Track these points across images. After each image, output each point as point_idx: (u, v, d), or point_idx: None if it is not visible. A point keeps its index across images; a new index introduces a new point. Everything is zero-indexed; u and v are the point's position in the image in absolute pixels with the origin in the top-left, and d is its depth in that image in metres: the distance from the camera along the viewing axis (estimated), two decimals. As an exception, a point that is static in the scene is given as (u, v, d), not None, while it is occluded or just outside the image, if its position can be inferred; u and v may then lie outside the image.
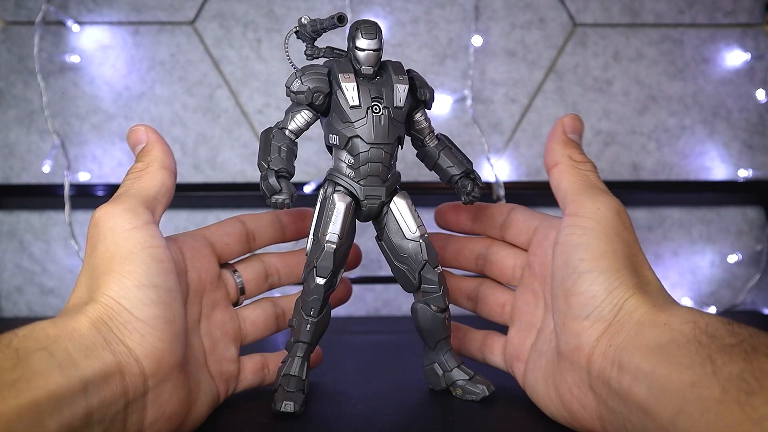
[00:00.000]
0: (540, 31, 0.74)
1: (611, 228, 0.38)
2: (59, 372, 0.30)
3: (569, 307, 0.37)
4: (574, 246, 0.38)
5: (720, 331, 0.31)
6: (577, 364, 0.37)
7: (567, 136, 0.43)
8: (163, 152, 0.41)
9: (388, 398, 0.46)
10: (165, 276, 0.37)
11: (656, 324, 0.34)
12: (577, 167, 0.41)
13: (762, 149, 0.76)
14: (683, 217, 0.77)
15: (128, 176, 0.41)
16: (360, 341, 0.61)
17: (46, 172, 0.71)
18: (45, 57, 0.71)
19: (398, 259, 0.44)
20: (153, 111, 0.73)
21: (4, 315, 0.75)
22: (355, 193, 0.43)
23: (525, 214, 0.46)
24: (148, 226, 0.38)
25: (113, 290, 0.35)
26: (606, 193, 0.40)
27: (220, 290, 0.44)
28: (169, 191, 0.41)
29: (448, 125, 0.74)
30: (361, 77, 0.42)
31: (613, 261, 0.37)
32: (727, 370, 0.29)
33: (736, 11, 0.75)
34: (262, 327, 0.46)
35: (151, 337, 0.35)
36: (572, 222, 0.39)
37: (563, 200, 0.41)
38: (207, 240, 0.44)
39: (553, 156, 0.42)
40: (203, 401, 0.40)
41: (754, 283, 0.76)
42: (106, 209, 0.38)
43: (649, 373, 0.32)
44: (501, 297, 0.47)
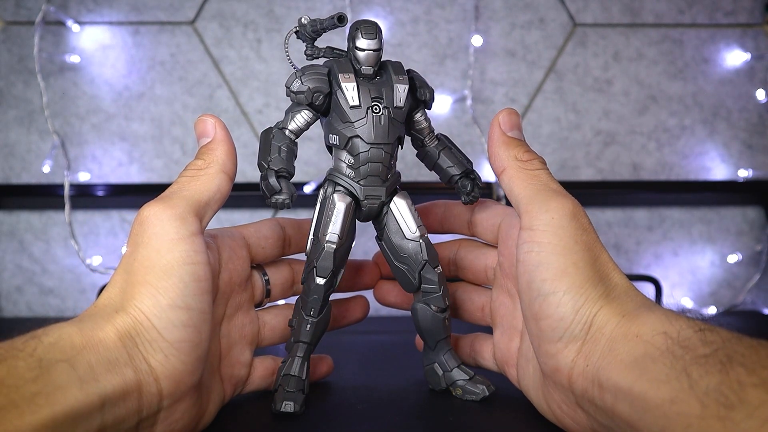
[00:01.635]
0: (540, 31, 0.74)
1: (568, 237, 0.36)
2: (79, 387, 0.30)
3: (541, 330, 0.37)
4: (534, 266, 0.37)
5: (692, 340, 0.31)
6: (559, 384, 0.36)
7: (507, 136, 0.41)
8: (227, 154, 0.40)
9: (388, 398, 0.46)
10: (200, 296, 0.36)
11: (628, 337, 0.33)
12: (525, 168, 0.39)
13: (762, 149, 0.76)
14: (683, 217, 0.77)
15: (185, 173, 0.39)
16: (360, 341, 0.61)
17: (46, 172, 0.71)
18: (45, 57, 0.71)
19: (398, 259, 0.44)
20: (153, 111, 0.73)
21: (4, 315, 0.75)
22: (355, 193, 0.43)
23: (487, 212, 0.45)
24: (194, 239, 0.36)
25: (146, 305, 0.34)
26: (558, 195, 0.38)
27: (247, 292, 0.44)
28: (224, 198, 0.39)
29: (448, 125, 0.74)
30: (361, 77, 0.42)
31: (575, 276, 0.36)
32: (704, 384, 0.28)
33: (736, 11, 0.75)
34: (280, 335, 0.46)
35: (174, 359, 0.35)
36: (528, 238, 0.37)
37: (516, 208, 0.39)
38: (245, 241, 0.43)
39: (498, 161, 0.40)
40: (211, 411, 0.40)
41: (754, 283, 0.76)
42: (155, 209, 0.36)
43: (628, 391, 0.31)
44: (478, 300, 0.47)
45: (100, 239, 0.74)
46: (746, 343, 0.30)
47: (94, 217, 0.74)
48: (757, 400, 0.27)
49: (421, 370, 0.47)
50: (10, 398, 0.27)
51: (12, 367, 0.29)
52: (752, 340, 0.30)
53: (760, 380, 0.27)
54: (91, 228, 0.74)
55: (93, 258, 0.73)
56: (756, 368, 0.28)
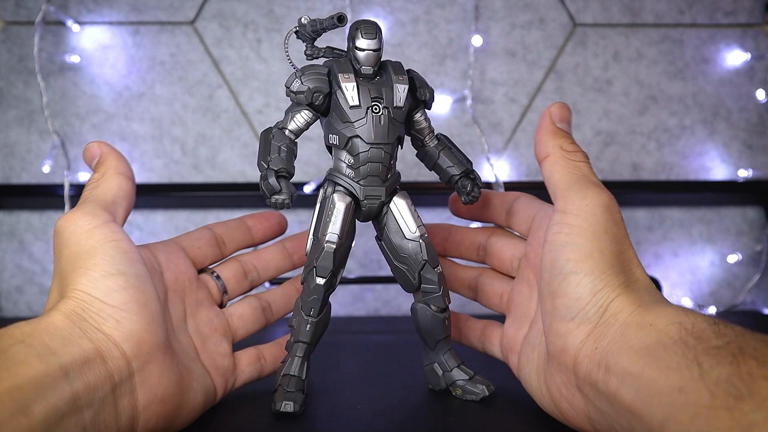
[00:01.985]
0: (540, 31, 0.74)
1: (599, 225, 0.37)
2: (38, 360, 0.31)
3: (555, 308, 0.37)
4: (560, 245, 0.37)
5: (706, 332, 0.31)
6: (564, 365, 0.37)
7: (556, 126, 0.42)
8: (117, 159, 0.42)
9: (388, 398, 0.46)
10: (131, 264, 0.38)
11: (642, 325, 0.33)
12: (568, 158, 0.40)
13: (762, 149, 0.76)
14: (683, 217, 0.77)
15: (86, 187, 0.41)
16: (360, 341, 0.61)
17: (46, 172, 0.71)
18: (45, 57, 0.71)
19: (398, 259, 0.44)
20: (153, 111, 0.73)
21: (4, 315, 0.75)
22: (354, 193, 0.43)
23: (526, 203, 0.46)
24: (109, 224, 0.38)
25: (81, 283, 0.36)
26: (596, 186, 0.39)
27: (202, 290, 0.45)
28: (128, 195, 0.42)
29: (448, 125, 0.74)
30: (361, 77, 0.42)
31: (599, 261, 0.36)
32: (714, 374, 0.28)
33: (736, 11, 0.75)
34: (250, 320, 0.47)
35: (126, 321, 0.36)
36: (559, 219, 0.38)
37: (553, 193, 0.40)
38: (178, 246, 0.45)
39: (543, 147, 0.41)
40: (197, 389, 0.40)
41: (754, 283, 0.76)
42: (66, 217, 0.38)
43: (637, 376, 0.31)
44: (500, 287, 0.47)
45: (100, 239, 0.74)
46: (758, 338, 0.30)
47: (94, 217, 0.74)
48: (766, 392, 0.27)
49: (421, 370, 0.47)
50: None
51: None
52: (764, 335, 0.30)
53: None
54: (91, 228, 0.74)
55: (93, 258, 0.73)
56: (767, 361, 0.28)
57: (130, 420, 0.35)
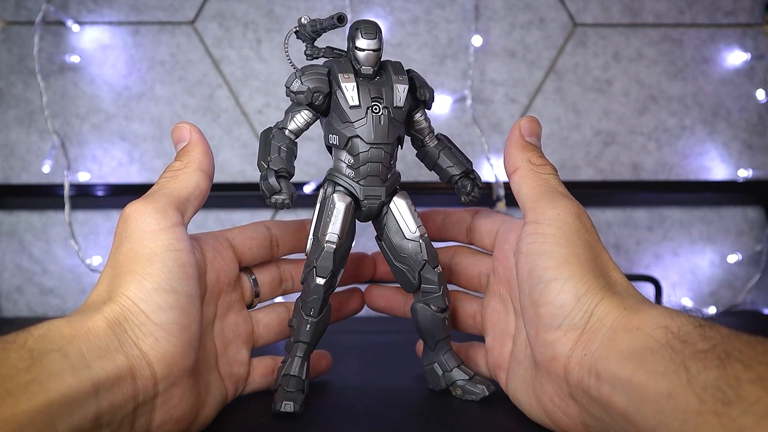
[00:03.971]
0: (540, 31, 0.74)
1: (572, 232, 0.38)
2: (72, 374, 0.30)
3: (539, 317, 0.37)
4: (537, 254, 0.37)
5: (692, 336, 0.31)
6: (554, 374, 0.36)
7: (525, 140, 0.42)
8: (203, 154, 0.41)
9: (388, 398, 0.46)
10: (186, 281, 0.37)
11: (628, 329, 0.33)
12: (537, 171, 0.41)
13: (762, 149, 0.76)
14: (683, 217, 0.77)
15: (164, 174, 0.40)
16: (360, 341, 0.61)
17: (46, 172, 0.71)
18: (45, 57, 0.71)
19: (398, 259, 0.44)
20: (153, 111, 0.73)
21: (4, 315, 0.75)
22: (354, 193, 0.43)
23: (486, 219, 0.46)
24: (175, 228, 0.38)
25: (132, 291, 0.35)
26: (565, 197, 0.40)
27: (236, 293, 0.44)
28: (203, 194, 0.41)
29: (448, 125, 0.74)
30: (361, 77, 0.42)
31: (577, 266, 0.36)
32: (702, 379, 0.28)
33: (736, 11, 0.75)
34: (275, 331, 0.46)
35: (164, 342, 0.35)
36: (533, 230, 0.38)
37: (523, 206, 0.41)
38: (230, 243, 0.44)
39: (512, 161, 0.42)
40: (212, 404, 0.40)
41: (754, 283, 0.76)
42: (136, 206, 0.38)
43: (626, 382, 0.31)
44: (469, 307, 0.47)
45: (100, 239, 0.74)
46: (744, 340, 0.30)
47: (94, 217, 0.74)
48: (753, 396, 0.27)
49: (421, 370, 0.47)
50: (4, 387, 0.28)
51: (4, 359, 0.29)
52: (750, 336, 0.30)
53: (757, 376, 0.27)
54: (91, 228, 0.74)
55: (93, 258, 0.73)
56: (753, 364, 0.28)
57: None
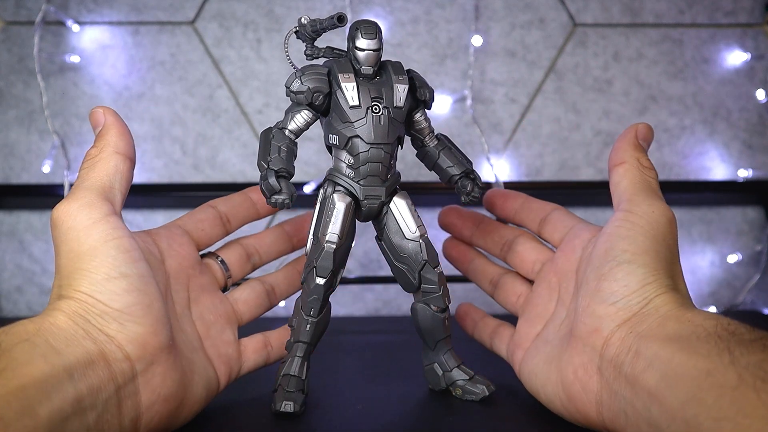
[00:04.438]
0: (540, 31, 0.74)
1: (660, 232, 0.39)
2: (43, 360, 0.31)
3: (599, 290, 0.38)
4: (620, 237, 0.39)
5: (740, 329, 0.32)
6: (590, 346, 0.38)
7: (639, 141, 0.43)
8: (118, 135, 0.40)
9: (388, 398, 0.46)
10: (133, 264, 0.37)
11: (680, 319, 0.35)
12: (642, 171, 0.42)
13: (762, 149, 0.76)
14: (683, 217, 0.77)
15: (83, 165, 0.39)
16: (360, 341, 0.61)
17: (46, 172, 0.71)
18: (45, 57, 0.71)
19: (398, 259, 0.44)
20: (153, 111, 0.73)
21: (4, 315, 0.75)
22: (354, 193, 0.43)
23: (564, 215, 0.48)
24: (108, 218, 0.37)
25: (84, 286, 0.35)
26: (662, 201, 0.41)
27: (206, 275, 0.45)
28: (125, 177, 0.40)
29: (448, 125, 0.74)
30: (361, 77, 0.42)
31: (654, 259, 0.38)
32: (744, 360, 0.29)
33: (736, 11, 0.75)
34: (254, 304, 0.47)
35: (130, 324, 0.35)
36: (624, 217, 0.40)
37: (620, 196, 0.42)
38: (181, 229, 0.44)
39: (620, 154, 0.43)
40: (199, 383, 0.40)
41: (754, 283, 0.76)
42: (63, 207, 0.37)
43: (666, 360, 0.32)
44: (519, 288, 0.49)
45: (100, 239, 0.74)
46: None
47: (94, 217, 0.74)
48: None
49: (421, 370, 0.47)
50: None
51: None
52: None
53: None
54: (91, 228, 0.74)
55: (93, 258, 0.73)
56: None
57: (133, 421, 0.35)
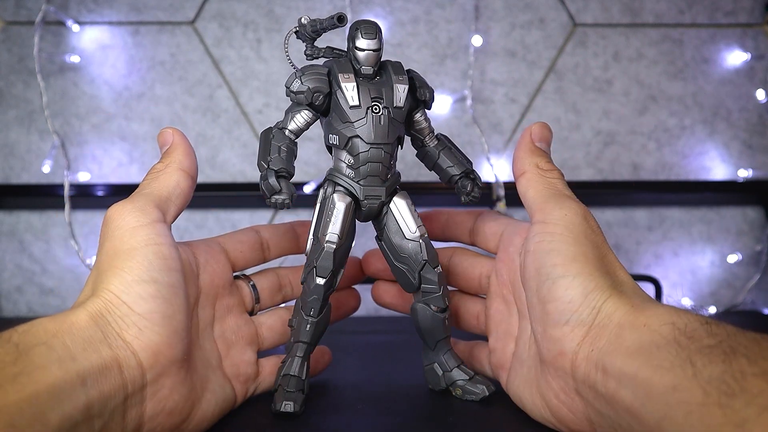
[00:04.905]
0: (540, 31, 0.74)
1: (579, 232, 0.38)
2: (58, 366, 0.31)
3: (547, 314, 0.37)
4: (544, 252, 0.38)
5: (698, 332, 0.31)
6: (561, 370, 0.37)
7: (534, 145, 0.43)
8: (184, 154, 0.42)
9: (388, 398, 0.46)
10: (167, 272, 0.37)
11: (636, 325, 0.34)
12: (544, 176, 0.42)
13: (762, 149, 0.76)
14: (683, 217, 0.77)
15: (147, 176, 0.41)
16: (360, 341, 0.61)
17: (46, 172, 0.71)
18: (45, 57, 0.71)
19: (398, 259, 0.44)
20: (153, 111, 0.73)
21: (4, 315, 0.75)
22: (354, 193, 0.43)
23: (490, 221, 0.47)
24: (155, 225, 0.38)
25: (113, 285, 0.36)
26: (572, 199, 0.40)
27: (234, 296, 0.45)
28: (184, 193, 0.41)
29: (448, 125, 0.74)
30: (361, 77, 0.42)
31: (584, 264, 0.37)
32: (707, 372, 0.29)
33: (736, 11, 0.75)
34: (279, 332, 0.47)
35: (148, 331, 0.36)
36: (541, 229, 0.39)
37: (530, 208, 0.41)
38: (221, 247, 0.45)
39: (520, 164, 0.43)
40: (210, 401, 0.40)
41: (754, 283, 0.76)
42: (117, 207, 0.38)
43: (632, 377, 0.32)
44: (473, 308, 0.48)
45: (100, 239, 0.74)
46: (749, 336, 0.31)
47: (94, 217, 0.74)
48: (756, 388, 0.27)
49: (421, 370, 0.47)
50: None
51: None
52: (755, 334, 0.31)
53: (761, 370, 0.28)
54: (91, 228, 0.74)
55: (93, 258, 0.73)
56: (758, 359, 0.29)
57: (134, 429, 0.35)
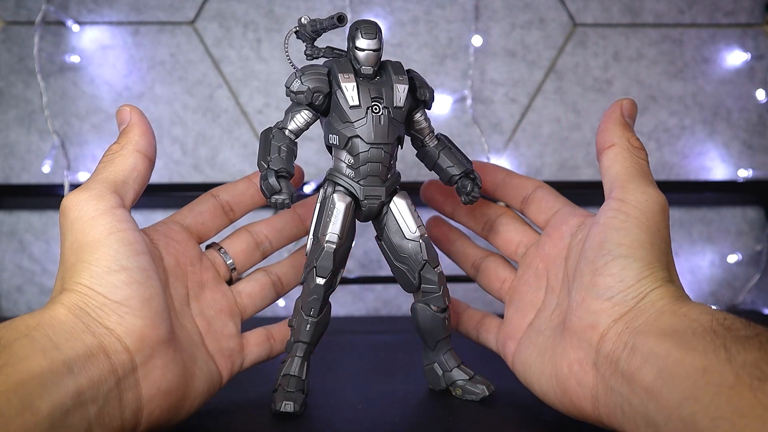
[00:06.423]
0: (540, 31, 0.74)
1: (654, 222, 0.38)
2: (42, 355, 0.31)
3: (594, 285, 0.37)
4: (614, 229, 0.38)
5: (736, 324, 0.32)
6: (586, 341, 0.37)
7: (625, 119, 0.41)
8: (141, 134, 0.40)
9: (388, 398, 0.46)
10: (136, 257, 0.37)
11: (676, 313, 0.34)
12: (634, 153, 0.41)
13: (762, 149, 0.76)
14: (683, 217, 0.77)
15: (102, 159, 0.40)
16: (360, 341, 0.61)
17: (46, 172, 0.71)
18: (45, 57, 0.71)
19: (398, 259, 0.44)
20: (153, 111, 0.73)
21: (4, 315, 0.75)
22: (354, 193, 0.43)
23: (549, 195, 0.46)
24: (115, 211, 0.37)
25: (84, 278, 0.36)
26: (654, 187, 0.39)
27: (207, 270, 0.44)
28: (142, 175, 0.40)
29: (448, 125, 0.74)
30: (361, 77, 0.42)
31: (649, 252, 0.37)
32: (741, 358, 0.29)
33: (736, 11, 0.75)
34: (259, 297, 0.46)
35: (129, 316, 0.36)
36: (617, 206, 0.39)
37: (611, 183, 0.40)
38: (179, 225, 0.44)
39: (609, 136, 0.41)
40: (200, 377, 0.40)
41: (754, 283, 0.76)
42: (72, 197, 0.37)
43: (662, 356, 0.32)
44: (503, 273, 0.48)
45: (100, 239, 0.74)
46: None
47: (94, 217, 0.74)
48: None
49: (421, 370, 0.47)
50: None
51: None
52: None
53: None
54: (91, 228, 0.74)
55: (93, 258, 0.73)
56: None
57: (134, 413, 0.35)
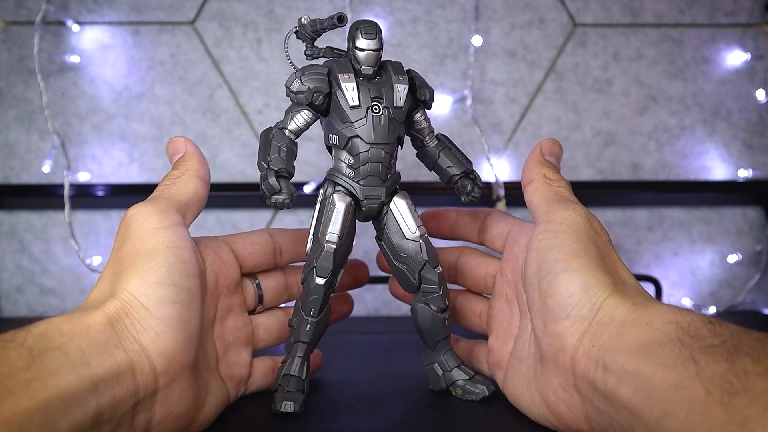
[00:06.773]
0: (540, 31, 0.74)
1: (582, 231, 0.39)
2: (72, 372, 0.31)
3: (547, 308, 0.37)
4: (547, 249, 0.39)
5: (702, 331, 0.31)
6: (561, 365, 0.37)
7: (543, 157, 0.44)
8: (199, 163, 0.43)
9: (387, 398, 0.46)
10: (187, 276, 0.38)
11: (638, 323, 0.34)
12: (551, 184, 0.43)
13: (762, 149, 0.76)
14: (683, 217, 0.77)
15: (163, 182, 0.42)
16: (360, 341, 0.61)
17: (46, 172, 0.71)
18: (45, 57, 0.71)
19: (398, 259, 0.44)
20: (153, 111, 0.73)
21: (4, 315, 0.75)
22: (355, 193, 0.43)
23: (499, 218, 0.47)
24: (176, 227, 0.39)
25: (133, 285, 0.36)
26: (576, 203, 0.41)
27: (237, 296, 0.45)
28: (201, 199, 0.42)
29: (448, 125, 0.74)
30: (361, 77, 0.42)
31: (586, 260, 0.37)
32: (710, 371, 0.29)
33: (736, 11, 0.75)
34: (275, 334, 0.47)
35: (164, 336, 0.35)
36: (544, 228, 0.40)
37: (535, 212, 0.42)
38: (230, 247, 0.45)
39: (528, 174, 0.44)
40: (211, 404, 0.41)
41: (754, 283, 0.76)
42: (139, 208, 0.39)
43: (633, 374, 0.32)
44: (476, 307, 0.48)
45: (100, 239, 0.74)
46: (753, 336, 0.30)
47: (94, 217, 0.74)
48: (760, 388, 0.27)
49: (421, 370, 0.47)
50: (5, 386, 0.28)
51: (4, 357, 0.30)
52: (759, 333, 0.31)
53: (765, 370, 0.28)
54: (91, 228, 0.74)
55: (93, 258, 0.73)
56: (761, 358, 0.28)
57: None
